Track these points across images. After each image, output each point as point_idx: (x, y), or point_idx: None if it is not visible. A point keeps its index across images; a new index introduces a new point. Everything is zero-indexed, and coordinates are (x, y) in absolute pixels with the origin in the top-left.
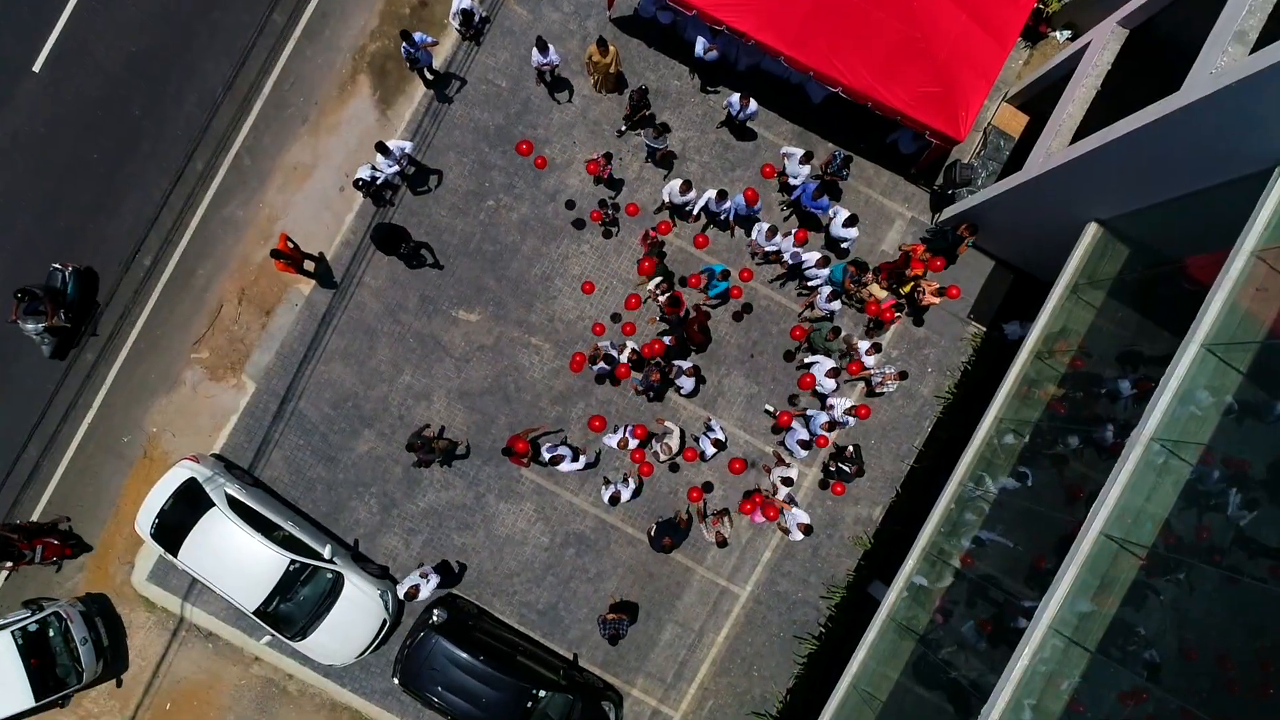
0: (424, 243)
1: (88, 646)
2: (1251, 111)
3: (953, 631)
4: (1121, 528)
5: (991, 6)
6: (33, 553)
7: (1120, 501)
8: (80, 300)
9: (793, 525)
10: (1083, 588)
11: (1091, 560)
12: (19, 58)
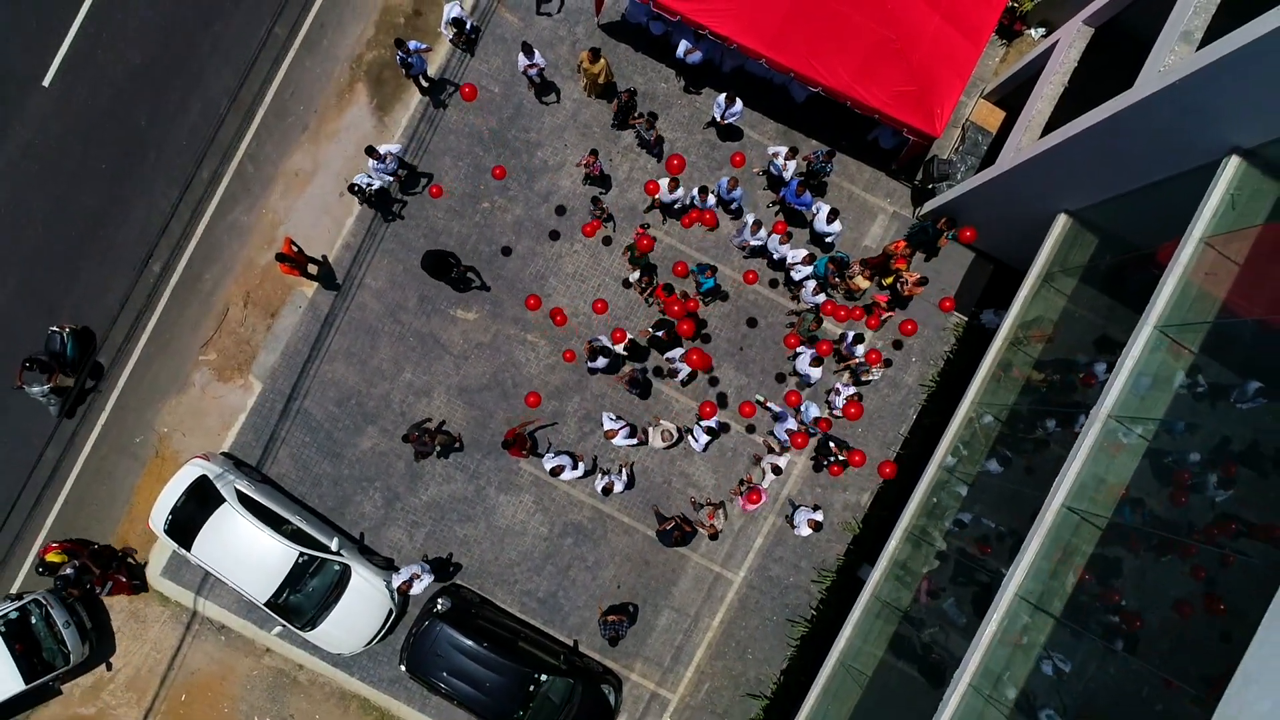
0: (471, 266)
1: (71, 630)
2: (1198, 106)
3: (935, 609)
4: (1083, 500)
5: (964, 8)
6: (103, 588)
7: (1080, 476)
8: (80, 358)
9: (802, 522)
10: (1046, 557)
11: (1054, 531)
12: (30, 72)
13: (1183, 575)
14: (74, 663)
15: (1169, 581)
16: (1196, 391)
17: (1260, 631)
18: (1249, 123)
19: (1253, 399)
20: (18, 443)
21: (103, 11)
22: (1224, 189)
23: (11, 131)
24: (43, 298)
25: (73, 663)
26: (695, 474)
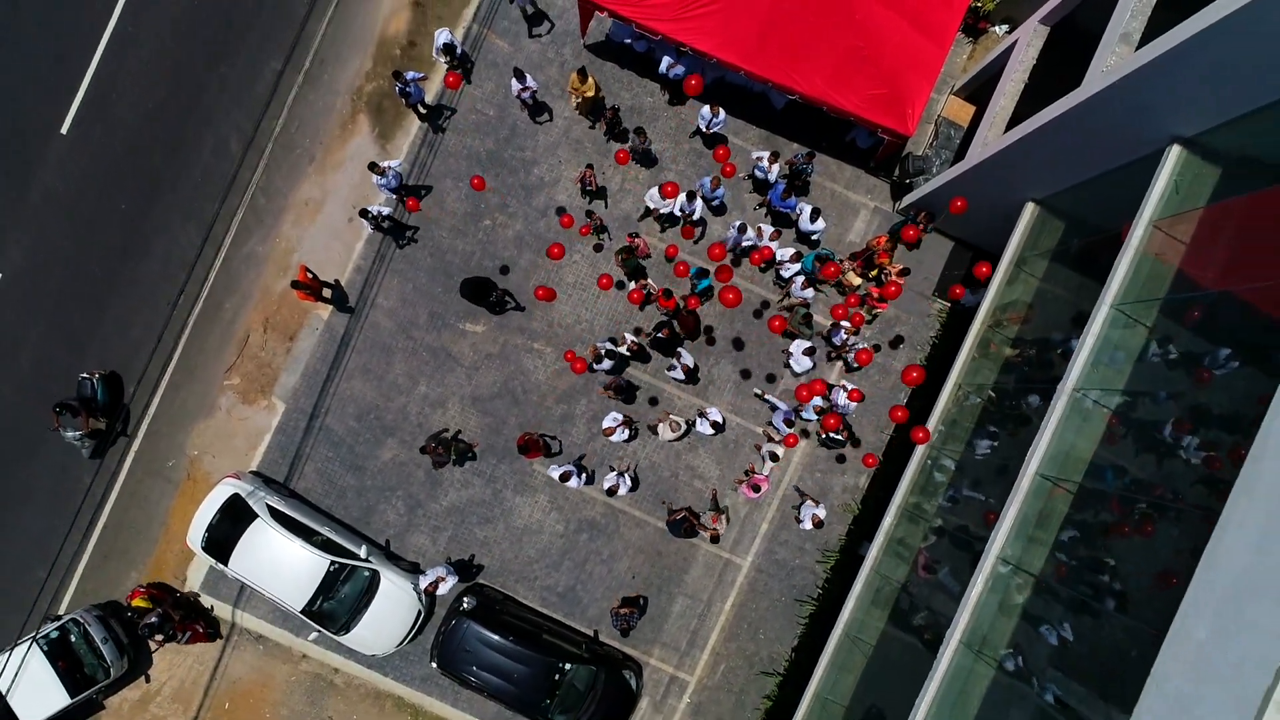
0: (507, 290)
1: (109, 645)
2: (1139, 101)
3: (932, 581)
4: (1054, 467)
5: (928, 12)
6: (182, 636)
7: (1052, 446)
8: (110, 402)
9: (807, 517)
10: (1024, 523)
11: (1030, 497)
12: (48, 120)
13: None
14: (114, 676)
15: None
16: (1153, 362)
17: (1198, 572)
18: (1187, 114)
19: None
20: (57, 474)
21: (114, 59)
22: (1168, 176)
23: (33, 178)
24: (71, 336)
25: (113, 676)
26: (701, 466)
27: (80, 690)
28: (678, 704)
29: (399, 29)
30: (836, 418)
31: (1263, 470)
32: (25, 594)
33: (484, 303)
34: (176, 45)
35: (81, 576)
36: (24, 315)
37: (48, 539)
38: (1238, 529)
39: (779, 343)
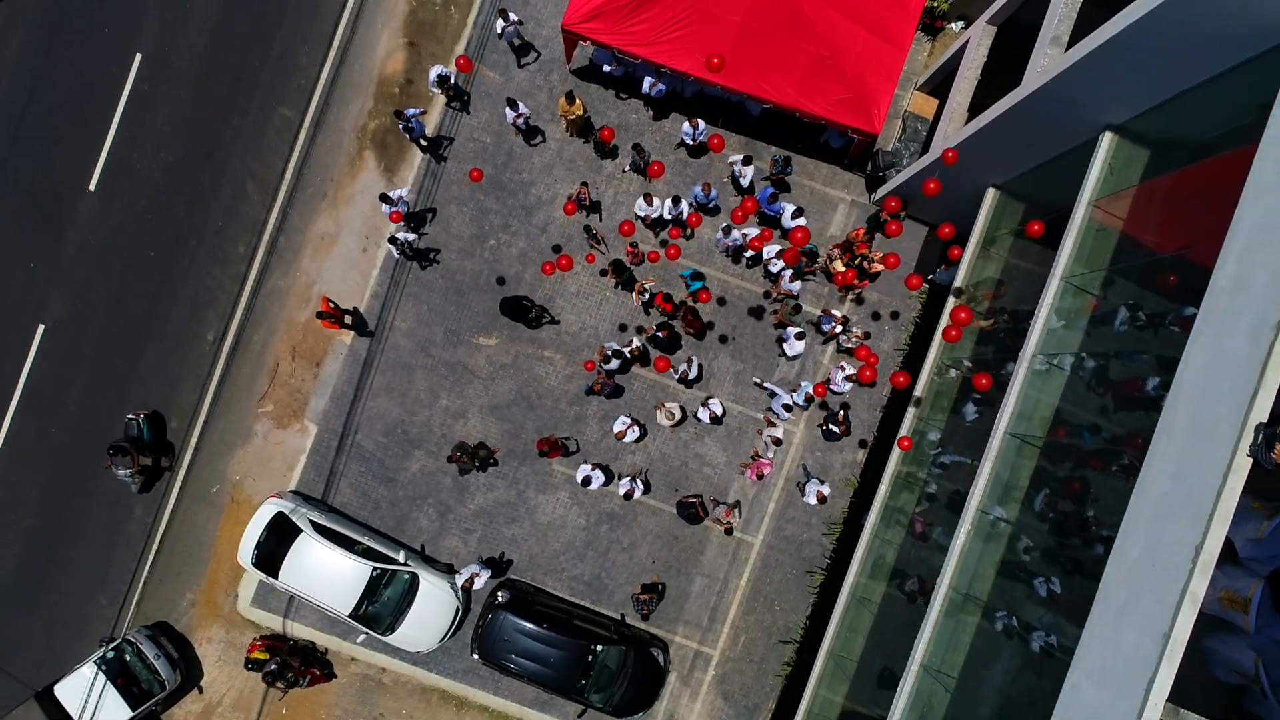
0: (543, 306)
1: (162, 661)
2: (1072, 95)
3: (927, 541)
4: (1022, 425)
5: (885, 18)
6: (303, 680)
7: (1018, 406)
8: (155, 439)
9: (811, 494)
10: (997, 479)
11: (1001, 455)
12: (76, 181)
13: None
14: (169, 688)
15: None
16: (1102, 326)
17: (1131, 500)
18: (1115, 104)
19: (1131, 324)
20: (110, 509)
21: (133, 119)
22: (1102, 160)
23: (67, 235)
24: (113, 379)
25: (168, 689)
26: (708, 454)
27: (140, 704)
28: (704, 677)
29: (396, 69)
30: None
31: (1177, 410)
32: (90, 621)
33: (523, 319)
34: (190, 101)
35: (140, 600)
36: (68, 362)
37: (106, 569)
38: (1160, 461)
39: (772, 334)
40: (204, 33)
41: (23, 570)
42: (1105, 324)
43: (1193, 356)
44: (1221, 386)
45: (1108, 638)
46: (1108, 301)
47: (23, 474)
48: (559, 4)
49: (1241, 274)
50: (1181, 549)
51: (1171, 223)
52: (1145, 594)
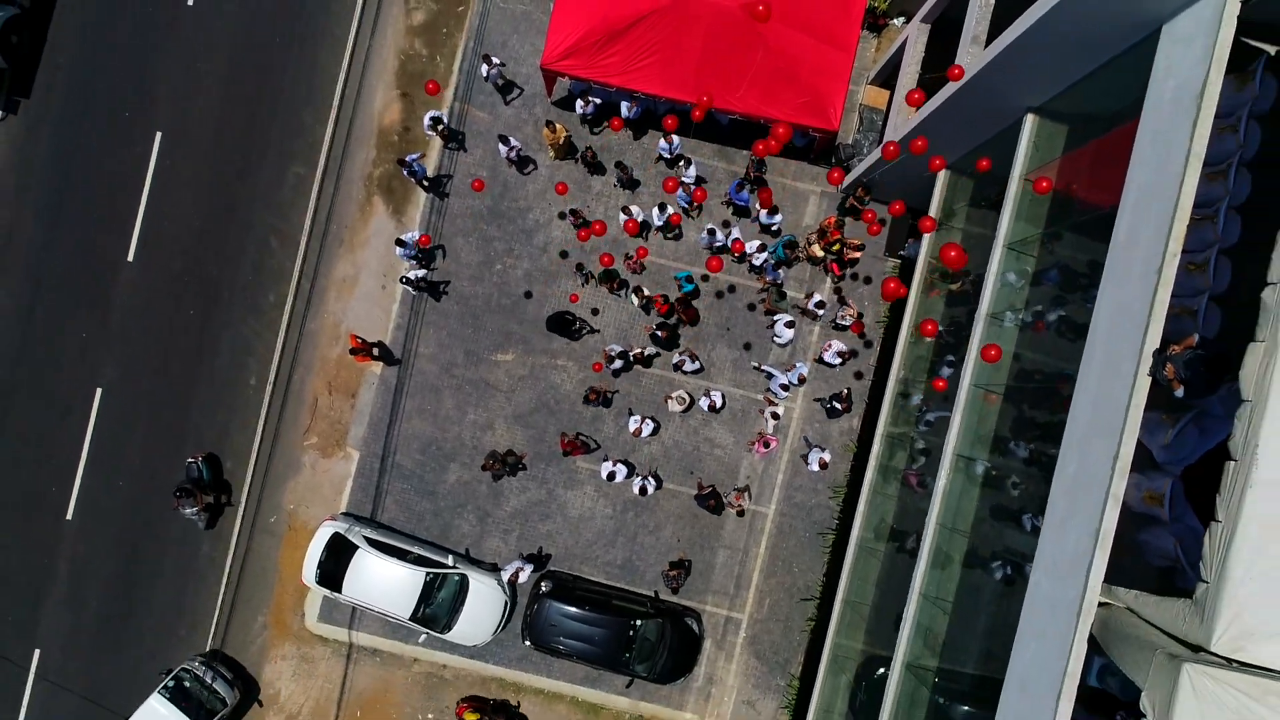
0: (584, 319)
1: (219, 681)
2: (994, 86)
3: (917, 491)
4: (984, 377)
5: (830, 26)
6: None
7: (978, 360)
8: (214, 479)
9: (814, 461)
10: (968, 426)
11: (968, 405)
12: (115, 253)
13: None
14: (231, 705)
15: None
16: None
17: (1067, 426)
18: (1031, 90)
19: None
20: (179, 547)
21: (160, 190)
22: (1027, 139)
23: (113, 304)
24: (169, 429)
25: (230, 705)
26: (717, 437)
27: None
28: (735, 639)
29: (393, 119)
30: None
31: (1094, 348)
32: (175, 652)
33: (566, 333)
34: (209, 169)
35: (215, 629)
36: (126, 418)
37: (182, 603)
38: (1083, 393)
39: (763, 322)
40: (214, 105)
41: (107, 614)
42: (1043, 282)
43: (1102, 301)
44: (1123, 323)
45: (1056, 540)
46: (1043, 260)
47: (97, 526)
48: (535, 44)
49: (1133, 229)
50: (1104, 460)
51: (1091, 188)
52: (1080, 500)
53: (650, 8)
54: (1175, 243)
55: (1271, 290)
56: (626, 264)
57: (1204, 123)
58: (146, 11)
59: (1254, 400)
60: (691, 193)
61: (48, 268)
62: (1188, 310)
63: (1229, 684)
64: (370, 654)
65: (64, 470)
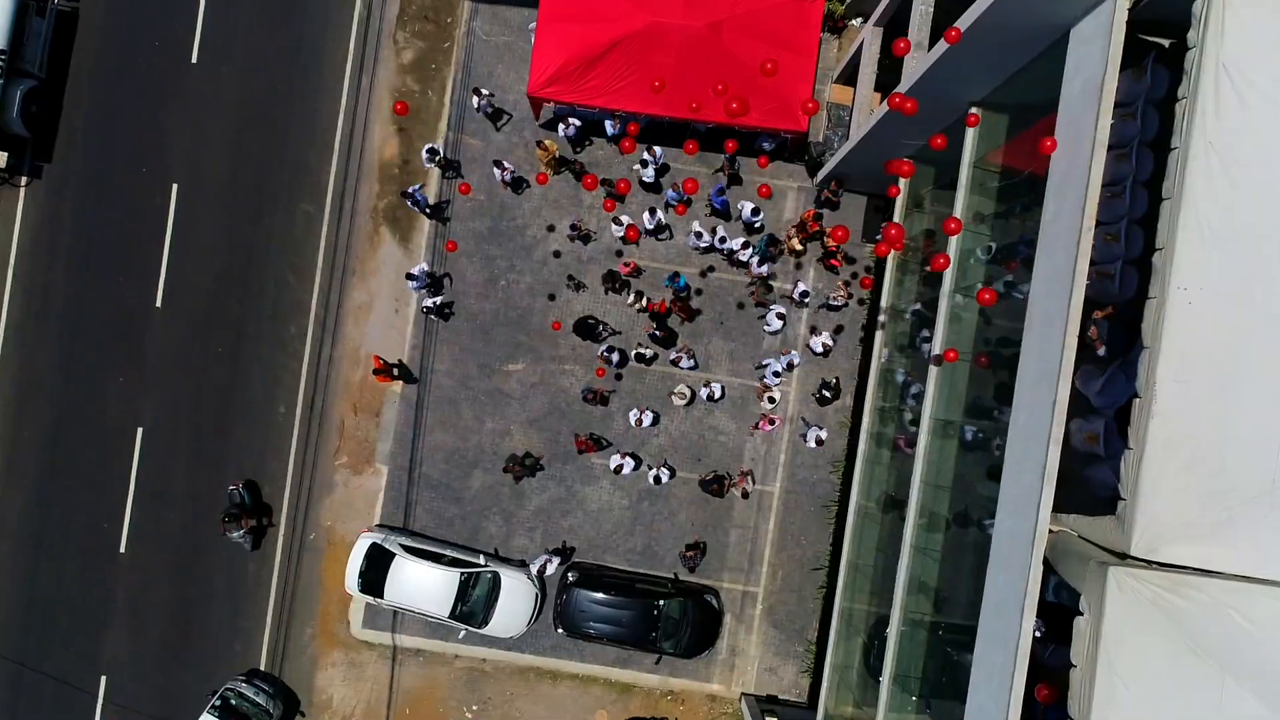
0: (605, 322)
1: (262, 695)
2: (939, 85)
3: (907, 454)
4: (953, 340)
5: (791, 35)
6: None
7: (945, 332)
8: (255, 503)
9: (812, 439)
10: (941, 392)
11: (940, 373)
12: (145, 300)
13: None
14: (276, 715)
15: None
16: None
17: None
18: (972, 86)
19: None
20: (227, 570)
21: (181, 238)
22: (973, 129)
23: (146, 348)
24: (207, 461)
25: (275, 716)
26: (720, 425)
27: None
28: (754, 612)
29: (392, 153)
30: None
31: (1033, 313)
32: (232, 667)
33: (591, 338)
34: (224, 215)
35: (268, 642)
36: (169, 453)
37: (235, 621)
38: (1028, 353)
39: (754, 313)
40: (224, 154)
41: (166, 638)
42: (998, 261)
43: (1037, 271)
44: (1054, 289)
45: (1013, 481)
46: (996, 236)
47: (149, 557)
48: (520, 72)
49: (1057, 208)
50: (1046, 407)
51: (1031, 171)
52: (1030, 445)
53: (623, 33)
54: (1089, 218)
55: (1159, 255)
56: (623, 269)
57: (1105, 112)
58: (153, 73)
59: (1150, 346)
60: (681, 191)
61: (83, 319)
62: (1106, 274)
63: (1147, 580)
64: (414, 654)
65: (114, 507)
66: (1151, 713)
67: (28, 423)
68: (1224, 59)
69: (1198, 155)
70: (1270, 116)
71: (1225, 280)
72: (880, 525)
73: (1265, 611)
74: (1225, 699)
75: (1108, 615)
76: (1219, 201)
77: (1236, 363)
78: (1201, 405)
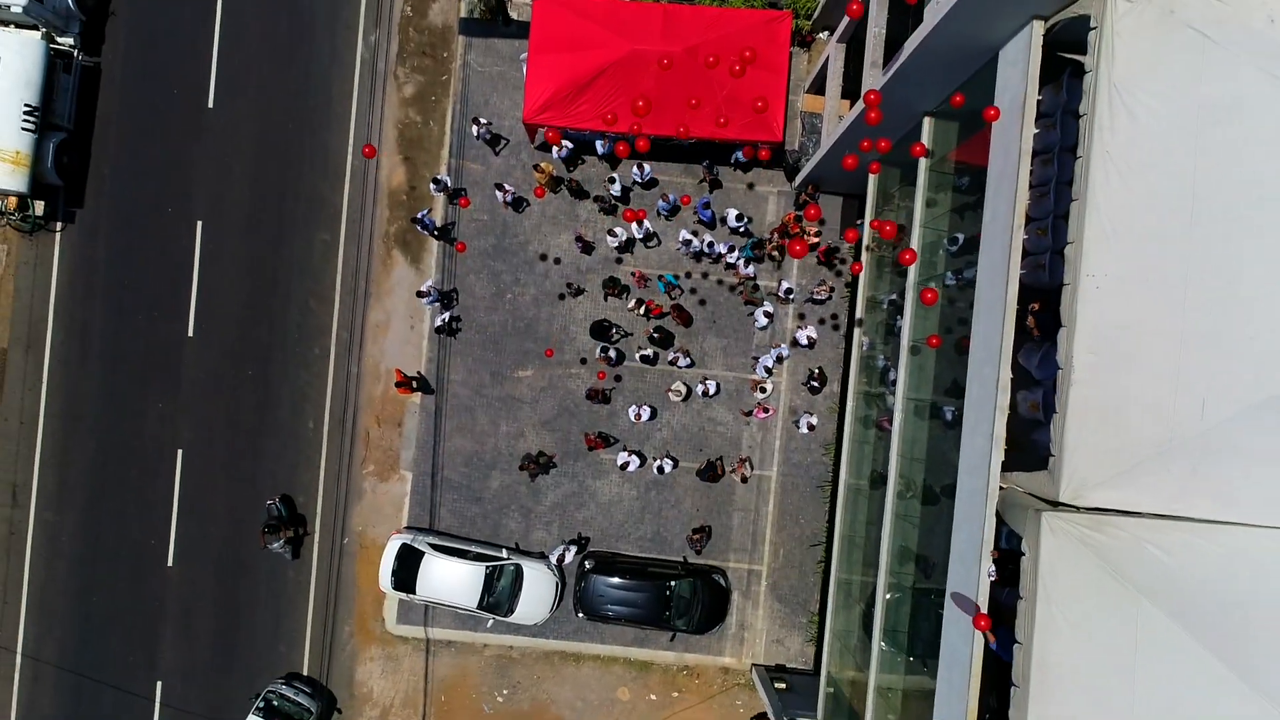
0: (617, 324)
1: (301, 694)
2: (895, 100)
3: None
4: (919, 333)
5: (763, 54)
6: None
7: (914, 320)
8: (291, 515)
9: (804, 425)
10: (913, 377)
11: (909, 358)
12: (177, 331)
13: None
14: (317, 712)
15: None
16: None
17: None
18: (923, 99)
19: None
20: (269, 578)
21: (208, 271)
22: (927, 136)
23: (181, 375)
24: (244, 477)
25: (316, 712)
26: (717, 416)
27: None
28: (759, 588)
29: (400, 181)
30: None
31: (980, 297)
32: (278, 667)
33: (605, 337)
34: (247, 248)
35: (310, 642)
36: (207, 473)
37: (278, 624)
38: (977, 335)
39: (744, 312)
40: (244, 191)
41: (215, 644)
42: (963, 253)
43: (981, 266)
44: (994, 279)
45: (969, 447)
46: (953, 231)
47: (195, 568)
48: (514, 98)
49: (993, 209)
50: (991, 381)
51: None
52: (981, 415)
53: (608, 61)
54: (1019, 216)
55: (1070, 247)
56: (637, 284)
57: (1028, 125)
58: (172, 118)
59: (1067, 325)
60: (671, 203)
61: (121, 351)
62: (1039, 264)
63: (1074, 522)
64: (446, 645)
65: (160, 525)
66: (1081, 632)
67: (75, 450)
68: (1115, 80)
69: (1097, 162)
70: (1154, 128)
71: (1125, 268)
72: (869, 500)
73: (1174, 541)
74: (1142, 616)
75: (1043, 553)
76: (1116, 202)
77: (1137, 338)
78: (1110, 374)
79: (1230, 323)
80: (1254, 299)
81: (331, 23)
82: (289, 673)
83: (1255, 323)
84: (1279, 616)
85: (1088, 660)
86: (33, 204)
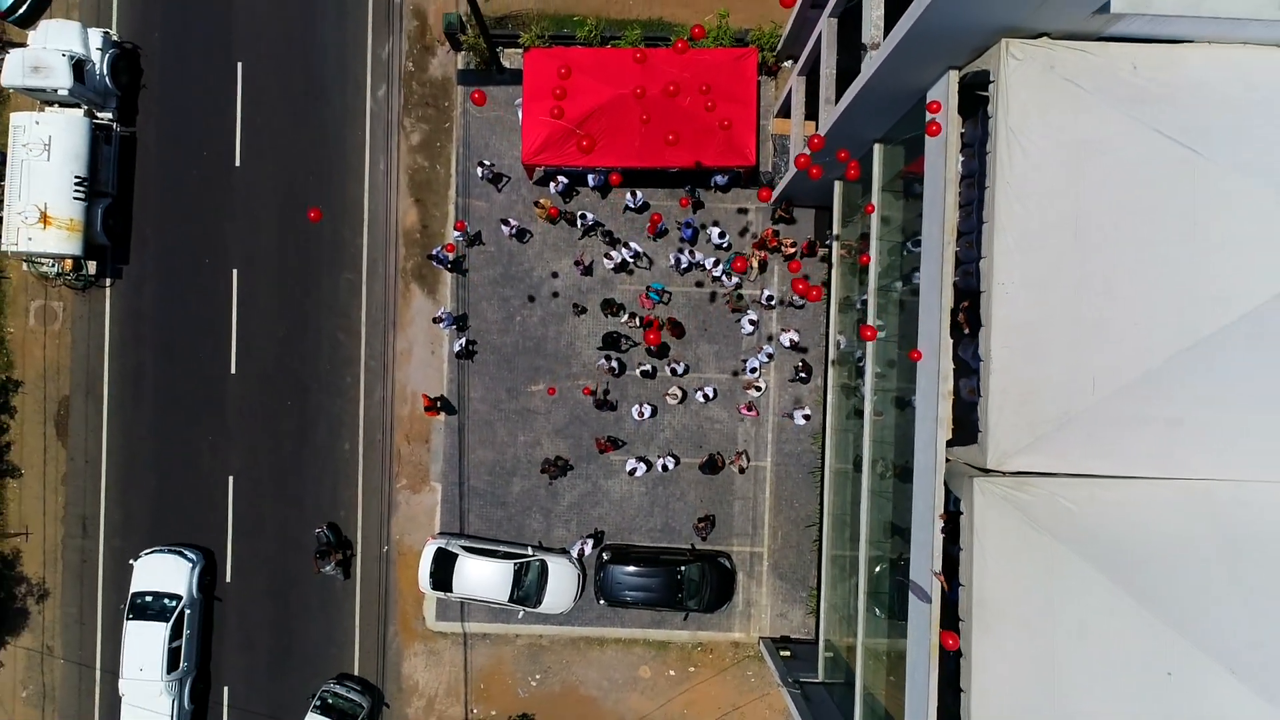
0: (627, 335)
1: (355, 692)
2: (847, 130)
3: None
4: (882, 315)
5: (732, 88)
6: None
7: (875, 307)
8: (338, 539)
9: (799, 418)
10: (877, 365)
11: (874, 348)
12: (220, 369)
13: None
14: (367, 707)
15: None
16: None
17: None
18: (871, 128)
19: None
20: (320, 588)
21: (245, 314)
22: (878, 162)
23: (225, 409)
24: (289, 498)
25: (366, 708)
26: (714, 415)
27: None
28: (762, 569)
29: (413, 221)
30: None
31: (924, 300)
32: (327, 670)
33: (615, 346)
34: (279, 291)
35: (359, 643)
36: (255, 497)
37: (330, 629)
38: (922, 329)
39: (732, 319)
40: (273, 239)
41: (272, 650)
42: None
43: (922, 275)
44: (933, 285)
45: (921, 427)
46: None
47: (251, 583)
48: (512, 139)
49: (929, 224)
50: (933, 370)
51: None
52: (929, 400)
53: (595, 105)
54: (949, 232)
55: (983, 261)
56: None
57: (952, 156)
58: (204, 179)
59: (986, 324)
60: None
61: (172, 391)
62: (969, 272)
63: (998, 484)
64: (482, 638)
65: (217, 546)
66: (1009, 573)
67: (135, 485)
68: (1010, 124)
69: (1000, 191)
70: (1043, 162)
71: (1026, 276)
72: (853, 482)
73: (1080, 495)
74: (1057, 557)
75: (976, 511)
76: (1016, 225)
77: (1039, 332)
78: (1021, 363)
79: (1110, 315)
80: (1129, 297)
81: (342, 81)
82: (340, 673)
83: (1131, 314)
84: (1165, 549)
85: (1016, 595)
86: (85, 264)
